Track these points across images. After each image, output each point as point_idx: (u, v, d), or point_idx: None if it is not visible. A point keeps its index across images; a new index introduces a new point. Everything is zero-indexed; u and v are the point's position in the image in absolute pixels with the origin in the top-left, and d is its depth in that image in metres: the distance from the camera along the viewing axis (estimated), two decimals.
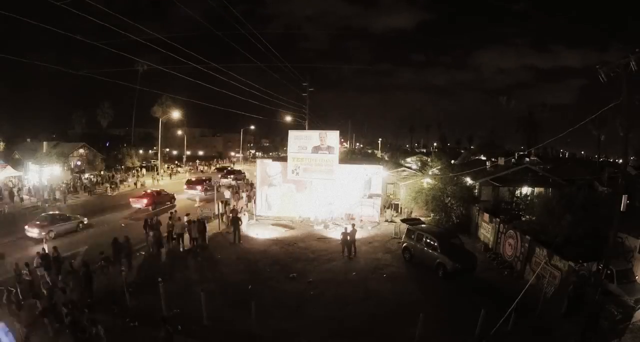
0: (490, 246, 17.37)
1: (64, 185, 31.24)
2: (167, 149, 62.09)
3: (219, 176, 32.82)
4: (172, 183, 38.03)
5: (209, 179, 32.00)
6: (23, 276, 11.64)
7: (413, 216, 22.29)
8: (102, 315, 9.70)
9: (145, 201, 25.30)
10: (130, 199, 25.94)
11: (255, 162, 33.68)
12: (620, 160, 18.39)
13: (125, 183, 37.67)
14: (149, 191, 27.21)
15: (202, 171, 53.00)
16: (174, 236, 16.93)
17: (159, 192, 27.24)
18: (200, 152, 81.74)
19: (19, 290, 10.69)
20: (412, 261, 15.69)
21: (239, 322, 10.36)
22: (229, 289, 12.68)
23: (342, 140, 64.21)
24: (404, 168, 31.20)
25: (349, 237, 16.29)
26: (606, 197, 16.36)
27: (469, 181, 23.74)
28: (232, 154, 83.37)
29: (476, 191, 23.32)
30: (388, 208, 24.13)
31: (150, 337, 8.92)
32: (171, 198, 27.57)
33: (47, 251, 13.41)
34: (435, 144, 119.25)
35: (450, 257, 14.01)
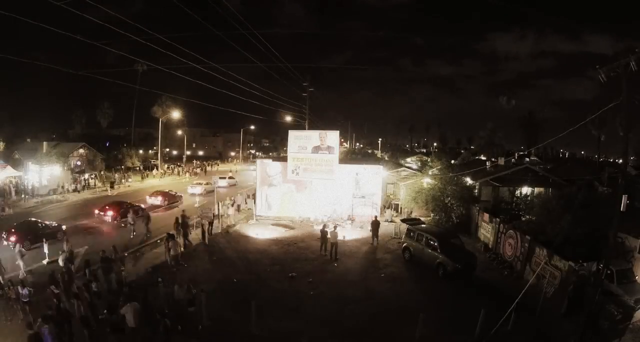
0: (490, 246, 17.36)
1: (69, 183, 31.69)
2: (167, 149, 62.02)
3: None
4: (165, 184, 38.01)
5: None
6: None
7: (413, 216, 22.29)
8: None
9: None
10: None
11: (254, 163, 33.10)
12: (620, 160, 18.37)
13: (125, 183, 37.87)
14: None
15: (196, 173, 50.65)
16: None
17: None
18: (200, 152, 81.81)
19: None
20: (412, 260, 15.69)
21: (239, 322, 10.35)
22: (229, 289, 12.68)
23: (342, 140, 64.23)
24: (404, 168, 31.20)
25: (329, 238, 16.16)
26: (606, 197, 16.35)
27: (469, 181, 23.74)
28: (233, 154, 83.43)
29: (476, 191, 23.33)
30: (388, 208, 24.13)
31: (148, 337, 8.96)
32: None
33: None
34: (435, 144, 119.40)
35: (450, 257, 14.01)
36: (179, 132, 59.47)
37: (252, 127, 78.37)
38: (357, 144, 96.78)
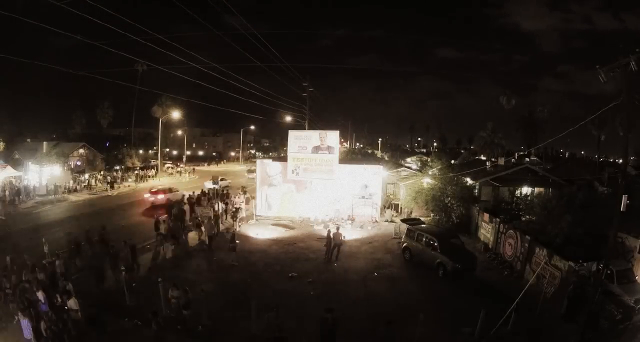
0: (490, 246, 17.36)
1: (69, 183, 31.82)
2: (167, 149, 62.03)
3: None
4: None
5: None
6: None
7: (413, 216, 22.28)
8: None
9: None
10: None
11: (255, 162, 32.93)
12: (620, 160, 18.37)
13: (124, 183, 37.91)
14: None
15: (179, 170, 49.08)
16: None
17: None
18: (200, 152, 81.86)
19: None
20: (412, 260, 15.69)
21: (239, 322, 10.35)
22: (229, 289, 12.68)
23: (342, 140, 64.21)
24: (404, 168, 31.22)
25: (333, 240, 15.79)
26: (606, 197, 16.35)
27: (469, 181, 23.74)
28: (233, 154, 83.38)
29: (476, 191, 23.32)
30: (388, 208, 24.13)
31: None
32: None
33: None
34: (435, 144, 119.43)
35: (450, 257, 14.00)
36: (179, 132, 59.51)
37: (252, 127, 78.42)
38: (357, 144, 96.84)
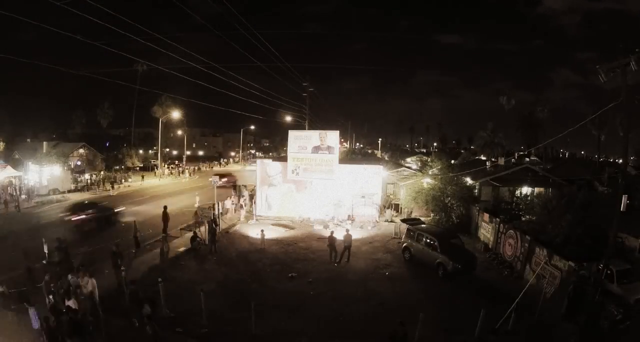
0: (490, 246, 17.36)
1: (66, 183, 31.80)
2: (167, 149, 61.97)
3: None
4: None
5: None
6: None
7: (413, 216, 22.28)
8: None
9: None
10: None
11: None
12: (620, 160, 18.39)
13: (125, 183, 37.86)
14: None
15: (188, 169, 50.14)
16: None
17: None
18: (200, 152, 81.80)
19: None
20: (412, 260, 15.68)
21: (239, 322, 10.35)
22: (229, 289, 12.68)
23: (342, 140, 64.19)
24: (404, 168, 31.21)
25: (344, 243, 15.71)
26: (606, 197, 16.36)
27: (469, 180, 23.74)
28: (233, 153, 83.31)
29: (476, 191, 23.33)
30: (388, 208, 24.13)
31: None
32: None
33: None
34: (435, 144, 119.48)
35: (450, 257, 14.00)
36: (179, 132, 59.47)
37: (252, 127, 78.38)
38: (357, 144, 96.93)
